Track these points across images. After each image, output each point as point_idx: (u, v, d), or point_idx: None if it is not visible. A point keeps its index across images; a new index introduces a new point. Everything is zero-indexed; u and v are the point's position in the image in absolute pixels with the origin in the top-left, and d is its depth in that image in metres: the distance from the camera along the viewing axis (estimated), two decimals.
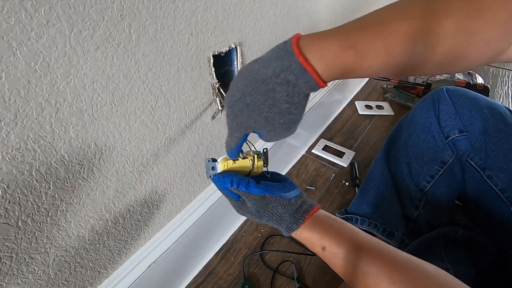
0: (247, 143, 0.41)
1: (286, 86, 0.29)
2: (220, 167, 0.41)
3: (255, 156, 0.41)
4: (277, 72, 0.29)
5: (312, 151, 1.03)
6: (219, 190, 0.42)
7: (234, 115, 0.32)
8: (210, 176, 0.41)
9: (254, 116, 0.31)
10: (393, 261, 0.34)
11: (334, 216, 0.40)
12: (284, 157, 0.94)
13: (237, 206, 0.42)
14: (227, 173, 0.39)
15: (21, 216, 0.35)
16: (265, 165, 0.42)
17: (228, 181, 0.39)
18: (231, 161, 0.41)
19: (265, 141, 0.38)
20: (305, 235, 0.38)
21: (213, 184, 0.69)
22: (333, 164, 0.99)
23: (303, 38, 0.29)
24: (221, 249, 0.77)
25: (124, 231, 0.52)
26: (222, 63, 0.56)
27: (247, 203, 0.40)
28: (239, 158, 0.41)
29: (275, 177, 0.43)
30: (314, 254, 0.40)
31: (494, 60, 0.29)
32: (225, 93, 0.55)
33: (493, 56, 0.28)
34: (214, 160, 0.42)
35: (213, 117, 0.58)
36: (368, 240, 0.37)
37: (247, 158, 0.41)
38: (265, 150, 0.42)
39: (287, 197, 0.39)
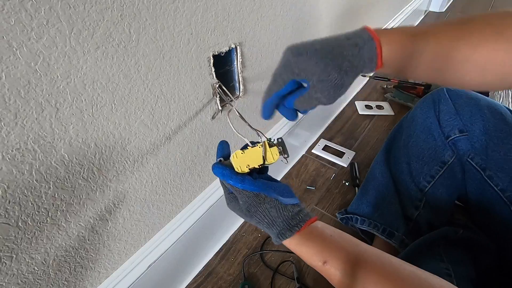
0: (259, 135, 0.40)
1: (354, 47, 0.32)
2: (233, 161, 0.39)
3: (266, 142, 0.38)
4: (349, 36, 0.33)
5: (312, 151, 1.03)
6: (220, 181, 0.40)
7: (297, 53, 0.33)
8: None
9: (317, 57, 0.32)
10: (399, 278, 0.33)
11: (332, 227, 0.38)
12: None
13: (229, 197, 0.40)
14: (221, 165, 0.38)
15: (21, 216, 0.35)
16: (284, 155, 0.39)
17: (220, 174, 0.37)
18: (239, 152, 0.38)
19: (302, 103, 0.35)
20: (303, 247, 0.36)
21: (213, 184, 0.69)
22: (333, 164, 0.99)
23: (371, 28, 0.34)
24: (221, 249, 0.77)
25: (124, 231, 0.52)
26: (222, 63, 0.56)
27: (239, 200, 0.38)
28: (249, 147, 0.39)
29: (275, 182, 0.40)
30: None
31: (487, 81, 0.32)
32: (225, 92, 0.55)
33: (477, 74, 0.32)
34: (227, 153, 0.40)
35: (213, 117, 0.58)
36: (371, 252, 0.36)
37: (257, 145, 0.39)
38: (280, 140, 0.40)
39: (284, 202, 0.36)
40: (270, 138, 0.39)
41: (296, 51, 0.34)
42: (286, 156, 0.39)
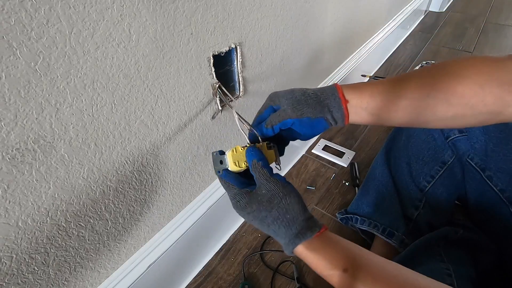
0: (258, 136, 0.40)
1: (317, 88, 0.42)
2: (228, 154, 0.39)
3: (264, 144, 0.40)
4: (317, 88, 0.42)
5: (312, 151, 1.03)
6: (223, 179, 0.38)
7: (276, 91, 0.43)
8: (219, 172, 0.38)
9: (289, 89, 0.42)
10: (400, 282, 0.33)
11: (342, 238, 0.37)
12: (284, 157, 0.94)
13: (240, 195, 0.37)
14: (257, 149, 0.38)
15: (21, 215, 0.35)
16: (277, 161, 0.40)
17: (256, 156, 0.37)
18: (239, 147, 0.39)
19: (273, 117, 0.41)
20: (321, 252, 0.34)
21: (213, 184, 0.69)
22: (333, 164, 0.99)
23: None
24: (221, 249, 0.77)
25: (124, 231, 0.52)
26: (222, 63, 0.56)
27: (261, 189, 0.36)
28: (248, 145, 0.40)
29: None
30: None
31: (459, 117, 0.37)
32: (225, 92, 0.55)
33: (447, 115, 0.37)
34: (222, 153, 0.40)
35: (213, 117, 0.58)
36: (377, 259, 0.36)
37: (256, 146, 0.40)
38: (274, 146, 0.41)
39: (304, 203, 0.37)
40: (269, 142, 0.41)
41: (275, 91, 0.43)
42: (278, 163, 0.41)
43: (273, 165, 0.41)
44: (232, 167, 0.39)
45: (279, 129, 0.41)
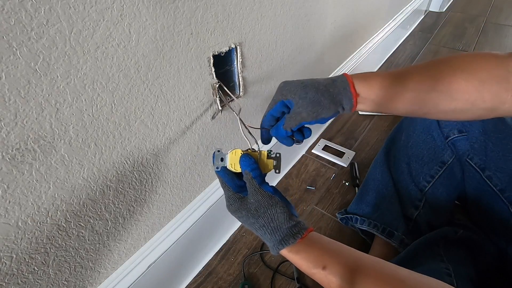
0: (257, 143, 0.42)
1: (329, 79, 0.42)
2: (229, 154, 0.41)
3: (262, 152, 0.41)
4: (328, 79, 0.42)
5: (312, 151, 1.03)
6: (220, 177, 0.41)
7: (286, 82, 0.42)
8: (218, 168, 0.41)
9: (300, 82, 0.42)
10: (397, 279, 0.33)
11: (327, 237, 0.39)
12: (284, 157, 0.94)
13: (233, 198, 0.40)
14: (251, 156, 0.39)
15: (21, 216, 0.35)
16: (276, 170, 0.42)
17: (247, 165, 0.38)
18: (239, 151, 0.41)
19: (289, 121, 0.41)
20: (302, 253, 0.37)
21: (213, 184, 0.69)
22: (333, 164, 0.99)
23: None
24: (221, 249, 0.77)
25: (124, 231, 0.52)
26: (222, 63, 0.56)
27: (250, 198, 0.39)
28: (249, 150, 0.41)
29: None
30: None
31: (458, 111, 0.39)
32: (225, 93, 0.55)
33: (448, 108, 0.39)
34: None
35: (213, 117, 0.58)
36: (368, 258, 0.36)
37: (256, 152, 0.41)
38: (278, 155, 0.42)
39: (291, 211, 0.38)
40: (270, 150, 0.42)
41: (286, 81, 0.43)
42: (277, 172, 0.42)
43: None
44: (229, 167, 0.41)
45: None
